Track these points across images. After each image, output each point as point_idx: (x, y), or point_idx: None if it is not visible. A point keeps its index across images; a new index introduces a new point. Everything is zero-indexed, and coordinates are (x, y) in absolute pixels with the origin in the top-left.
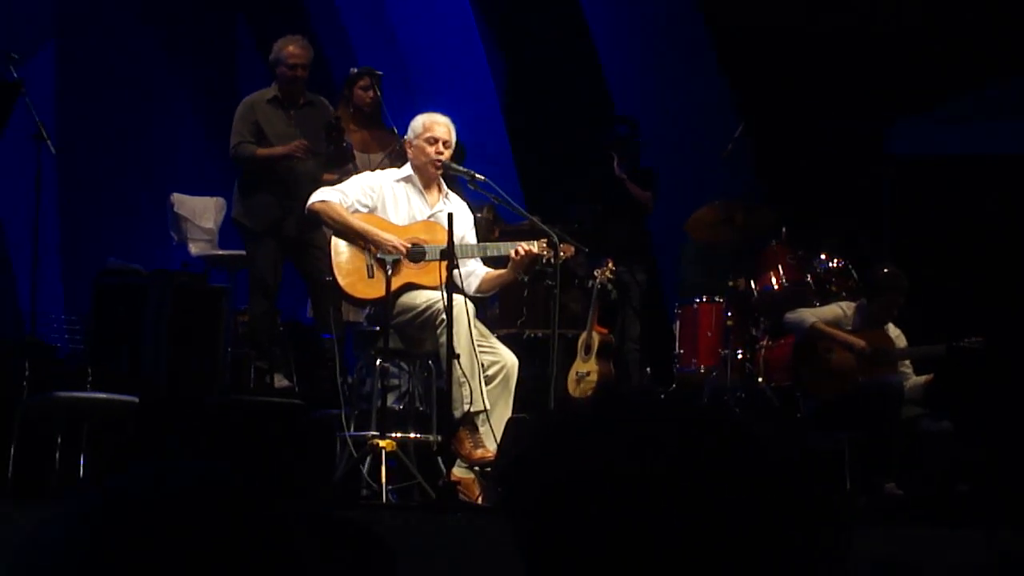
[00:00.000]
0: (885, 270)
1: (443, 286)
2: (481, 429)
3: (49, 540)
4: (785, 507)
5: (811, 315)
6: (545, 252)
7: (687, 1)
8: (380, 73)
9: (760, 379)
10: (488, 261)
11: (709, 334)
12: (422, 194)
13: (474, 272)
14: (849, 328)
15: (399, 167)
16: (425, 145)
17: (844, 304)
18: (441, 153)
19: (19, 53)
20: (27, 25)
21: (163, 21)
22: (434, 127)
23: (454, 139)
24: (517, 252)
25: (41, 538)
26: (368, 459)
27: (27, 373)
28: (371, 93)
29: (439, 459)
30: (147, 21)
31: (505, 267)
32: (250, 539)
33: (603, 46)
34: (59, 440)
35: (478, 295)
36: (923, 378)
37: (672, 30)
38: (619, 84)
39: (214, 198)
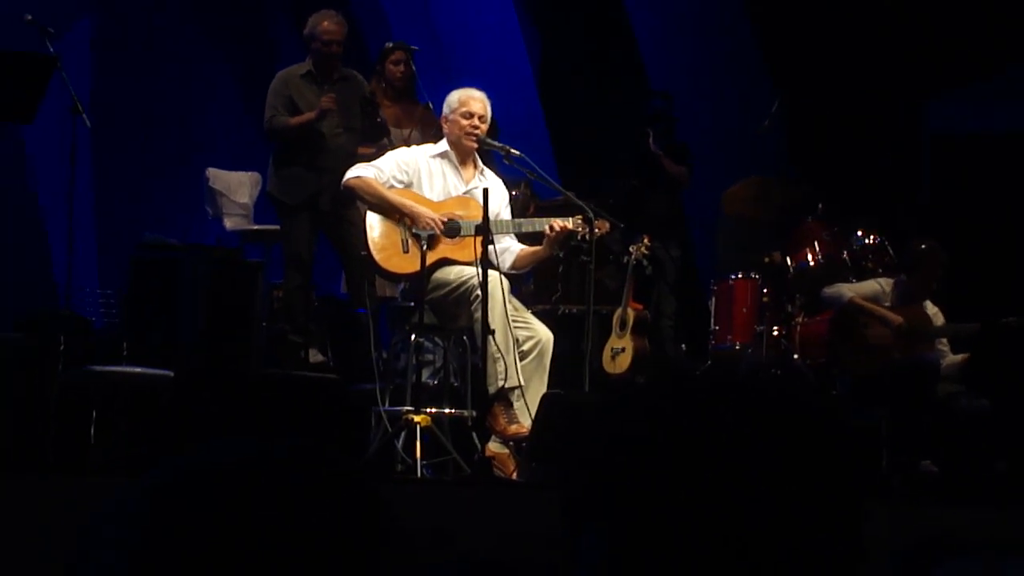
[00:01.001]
0: (923, 244)
1: (478, 261)
2: (516, 404)
3: (129, 513)
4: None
5: (849, 290)
6: (580, 228)
7: None
8: (414, 48)
9: (796, 356)
10: (523, 238)
11: (744, 310)
12: (458, 170)
13: (509, 248)
14: (887, 304)
15: (433, 141)
16: (460, 119)
17: (882, 280)
18: (477, 127)
19: (55, 27)
20: None
21: None
22: (470, 101)
23: (490, 114)
24: (552, 228)
25: (119, 510)
26: (403, 434)
27: (62, 347)
28: (402, 68)
29: (474, 434)
30: None
31: (540, 244)
32: (344, 510)
33: (638, 20)
34: (94, 414)
35: (513, 272)
36: (959, 357)
37: (708, 3)
38: (654, 59)
39: (249, 173)
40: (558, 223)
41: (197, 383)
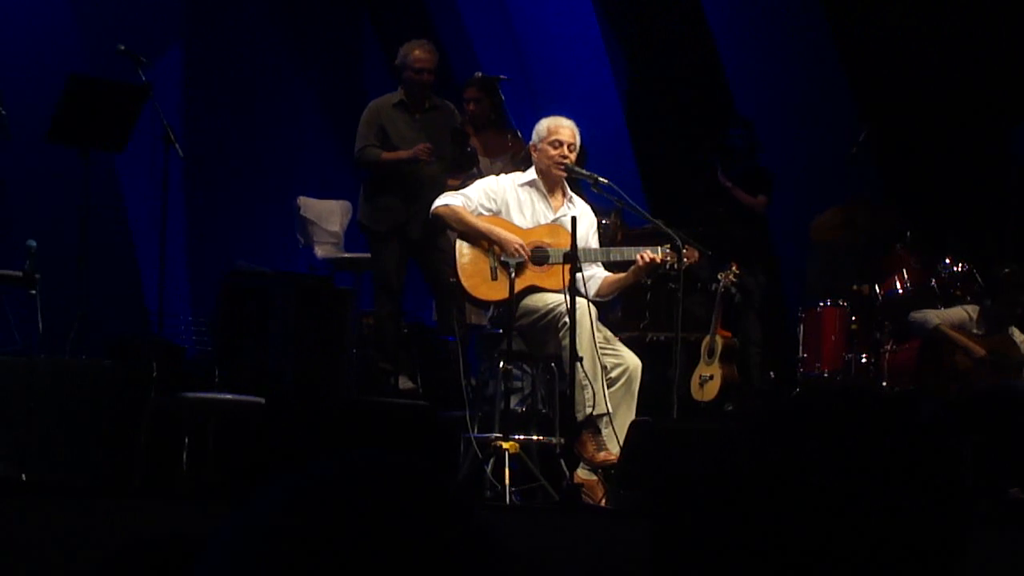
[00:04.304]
0: (1007, 270)
1: (566, 289)
2: (604, 432)
3: (250, 534)
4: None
5: (936, 317)
6: (670, 258)
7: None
8: (502, 77)
9: (884, 383)
10: (610, 265)
11: (833, 338)
12: (546, 198)
13: (594, 276)
14: (975, 331)
15: (522, 170)
16: (549, 148)
17: (969, 308)
18: (566, 157)
19: (147, 56)
20: (155, 28)
21: (290, 25)
22: (559, 130)
23: (579, 142)
24: (643, 258)
25: (239, 532)
26: (491, 460)
27: (155, 374)
28: (472, 106)
29: (562, 461)
30: (274, 25)
31: (625, 271)
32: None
33: (725, 47)
34: (186, 440)
35: (597, 299)
36: None
37: (795, 30)
38: (741, 85)
39: (340, 201)
40: (648, 254)
41: (288, 410)
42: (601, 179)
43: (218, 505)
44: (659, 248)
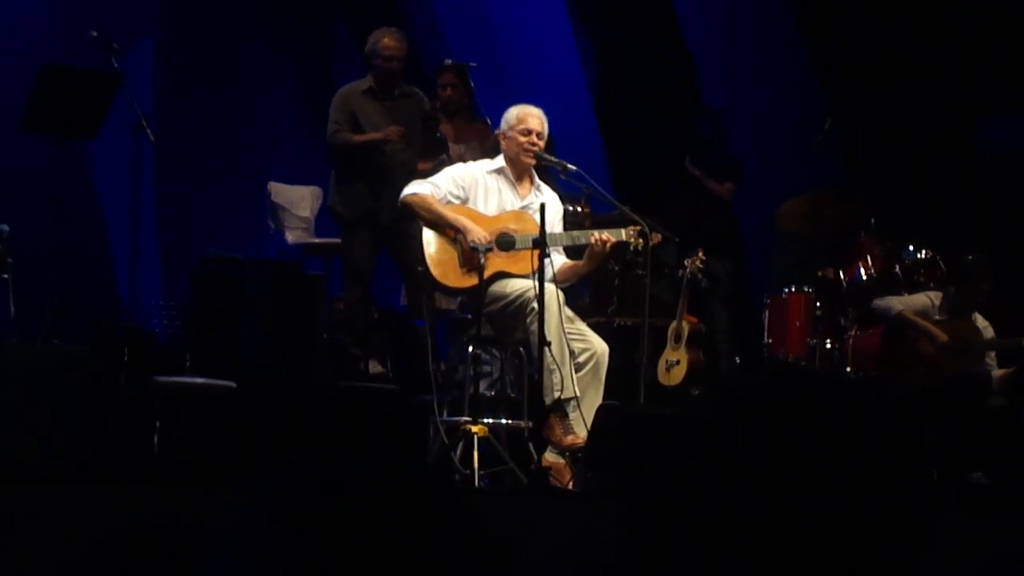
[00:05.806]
0: (970, 256)
1: (534, 274)
2: (571, 415)
3: (248, 524)
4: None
5: (899, 303)
6: (634, 239)
7: None
8: (471, 64)
9: (848, 368)
10: (576, 250)
11: (798, 324)
12: (514, 186)
13: (554, 261)
14: (937, 317)
15: (490, 157)
16: (519, 136)
17: (932, 294)
18: (535, 144)
19: (120, 43)
20: (128, 15)
21: (261, 12)
22: (528, 118)
23: (547, 130)
24: (594, 239)
25: (240, 522)
26: (460, 444)
27: (125, 359)
28: (448, 91)
29: (530, 445)
30: (246, 12)
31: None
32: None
33: (693, 36)
34: (158, 424)
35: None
36: (1002, 371)
37: (762, 20)
38: (709, 76)
39: (310, 187)
40: (598, 235)
41: (259, 394)
42: (570, 166)
43: (189, 489)
44: (622, 229)
